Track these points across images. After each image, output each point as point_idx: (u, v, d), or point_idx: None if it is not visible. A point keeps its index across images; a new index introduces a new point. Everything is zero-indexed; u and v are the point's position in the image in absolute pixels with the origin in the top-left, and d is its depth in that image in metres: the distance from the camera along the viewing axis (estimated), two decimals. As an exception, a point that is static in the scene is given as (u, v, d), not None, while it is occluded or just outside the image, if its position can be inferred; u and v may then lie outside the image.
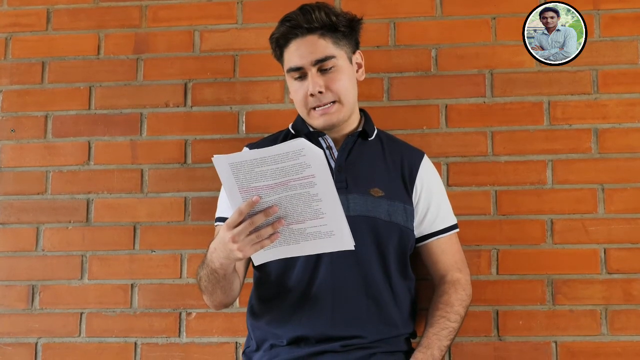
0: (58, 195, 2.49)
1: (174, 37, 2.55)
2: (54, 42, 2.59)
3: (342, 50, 2.01)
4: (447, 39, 2.46)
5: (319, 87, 1.95)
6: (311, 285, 1.95)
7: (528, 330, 2.30)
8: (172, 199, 2.46)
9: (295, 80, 2.01)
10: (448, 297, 2.05)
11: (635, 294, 2.29)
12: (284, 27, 1.99)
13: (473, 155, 2.40)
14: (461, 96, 2.43)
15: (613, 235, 2.32)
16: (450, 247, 2.14)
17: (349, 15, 2.04)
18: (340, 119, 2.01)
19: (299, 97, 2.01)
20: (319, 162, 1.62)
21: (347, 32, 2.03)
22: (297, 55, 1.98)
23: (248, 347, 2.08)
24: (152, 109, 2.52)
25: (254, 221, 1.66)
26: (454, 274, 2.11)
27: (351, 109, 2.04)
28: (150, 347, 2.40)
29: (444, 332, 1.98)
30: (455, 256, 2.15)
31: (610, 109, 2.38)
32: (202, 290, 2.00)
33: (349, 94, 2.02)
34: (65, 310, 2.43)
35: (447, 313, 2.02)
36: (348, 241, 1.71)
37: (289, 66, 2.00)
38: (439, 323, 2.00)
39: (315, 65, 1.97)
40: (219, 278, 1.89)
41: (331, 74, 1.97)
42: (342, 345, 1.90)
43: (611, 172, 2.35)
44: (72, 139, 2.52)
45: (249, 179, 1.65)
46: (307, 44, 1.97)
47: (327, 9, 1.99)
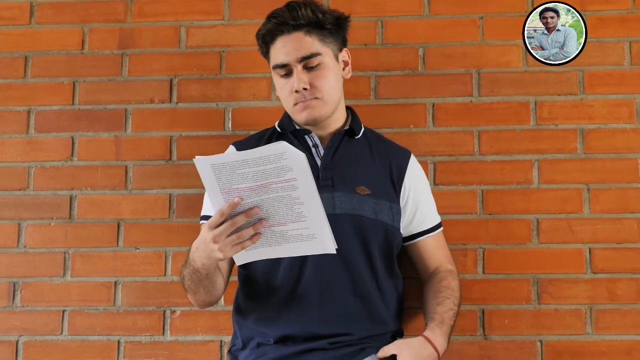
0: (40, 191, 2.46)
1: (160, 33, 2.53)
2: (37, 36, 2.56)
3: (329, 48, 2.01)
4: (434, 38, 2.47)
5: (303, 83, 1.95)
6: (298, 284, 1.94)
7: (514, 329, 2.31)
8: (157, 196, 2.44)
9: (281, 78, 2.01)
10: (448, 283, 2.07)
11: (619, 293, 2.31)
12: (270, 24, 1.99)
13: (460, 154, 2.40)
14: (448, 95, 2.43)
15: (598, 235, 2.33)
16: (440, 244, 2.18)
17: (336, 13, 2.03)
18: (322, 115, 2.01)
19: (284, 94, 2.02)
20: (300, 165, 1.62)
21: (334, 29, 2.02)
22: (282, 52, 1.98)
23: (234, 346, 2.06)
24: (137, 104, 2.49)
25: (235, 222, 1.67)
26: (447, 266, 2.15)
27: (334, 106, 2.04)
28: (134, 345, 2.37)
29: (450, 312, 2.01)
30: (445, 251, 2.19)
31: (596, 110, 2.40)
32: (186, 289, 1.99)
33: (333, 92, 2.02)
34: (47, 308, 2.40)
35: (451, 296, 2.04)
36: (330, 245, 1.71)
37: (275, 63, 2.00)
38: (446, 304, 2.01)
39: (301, 62, 1.96)
40: (202, 277, 1.88)
41: (316, 71, 1.97)
42: (330, 342, 1.90)
43: (597, 173, 2.36)
44: (55, 135, 2.49)
45: (231, 180, 1.64)
46: (293, 41, 1.97)
47: (314, 6, 1.99)
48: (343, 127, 2.09)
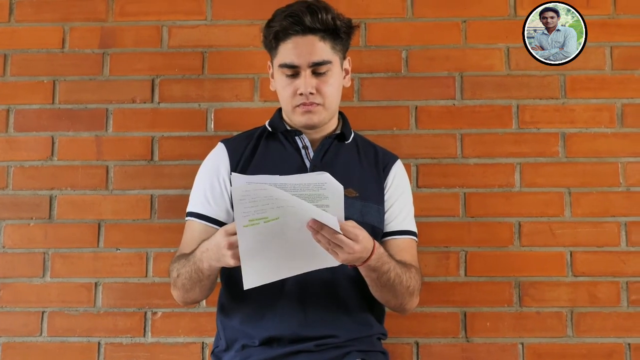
0: (20, 191, 2.43)
1: (142, 32, 2.52)
2: (16, 34, 2.53)
3: (337, 56, 2.00)
4: (417, 40, 2.47)
5: (311, 88, 1.94)
6: (282, 286, 1.92)
7: (495, 332, 2.32)
8: (138, 197, 2.43)
9: (286, 77, 1.98)
10: (412, 267, 1.98)
11: (600, 296, 2.33)
12: (287, 22, 1.94)
13: (442, 157, 2.41)
14: (431, 98, 2.44)
15: (579, 238, 2.36)
16: (412, 249, 2.12)
17: (349, 22, 2.01)
18: (321, 121, 2.00)
19: (286, 93, 1.99)
20: (337, 197, 1.62)
21: (345, 38, 2.01)
22: (294, 54, 1.95)
23: (217, 347, 2.04)
24: (118, 104, 2.48)
25: None
26: (414, 265, 2.04)
27: (332, 113, 2.04)
28: (115, 347, 2.35)
29: (399, 269, 1.89)
30: (415, 258, 2.11)
31: (578, 114, 2.42)
32: (178, 286, 1.95)
33: (335, 99, 2.01)
34: (26, 309, 2.38)
35: (410, 271, 1.94)
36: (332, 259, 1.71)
37: (284, 62, 1.97)
38: (405, 265, 1.94)
39: (311, 67, 1.95)
40: (202, 278, 1.87)
41: (324, 77, 1.96)
42: (316, 344, 1.88)
43: (578, 176, 2.39)
44: (35, 134, 2.46)
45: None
46: (307, 44, 1.94)
47: (333, 13, 1.96)
48: (334, 132, 2.09)
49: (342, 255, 1.69)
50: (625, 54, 2.45)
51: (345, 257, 1.69)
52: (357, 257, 1.73)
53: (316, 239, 1.66)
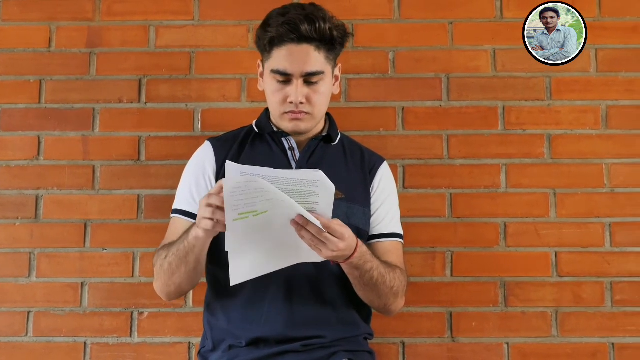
0: (5, 190, 2.43)
1: (129, 32, 2.51)
2: (3, 33, 2.52)
3: (330, 66, 1.99)
4: (404, 42, 2.48)
5: (302, 97, 1.94)
6: (268, 286, 1.93)
7: (481, 332, 2.34)
8: (125, 197, 2.42)
9: (277, 82, 1.98)
10: (396, 268, 1.99)
11: (584, 296, 2.35)
12: (283, 29, 1.91)
13: (429, 157, 2.42)
14: (418, 99, 2.45)
15: (564, 239, 2.37)
16: (398, 251, 2.12)
17: (345, 31, 2.00)
18: (308, 128, 2.01)
19: (276, 99, 1.98)
20: (327, 195, 1.65)
21: (339, 48, 2.01)
22: (288, 61, 1.93)
23: (204, 347, 2.04)
24: (104, 104, 2.47)
25: None
26: (400, 267, 2.04)
27: (320, 120, 2.04)
28: (101, 347, 2.35)
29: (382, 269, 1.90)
30: (401, 260, 2.12)
31: (563, 116, 2.44)
32: (165, 269, 1.91)
33: (323, 108, 2.01)
34: (12, 309, 2.37)
35: (388, 266, 1.94)
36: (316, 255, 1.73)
37: (277, 68, 1.95)
38: (389, 266, 1.94)
39: (304, 76, 1.95)
40: (188, 251, 1.83)
41: (315, 86, 1.95)
42: (303, 345, 1.89)
43: (563, 177, 2.40)
44: (21, 133, 2.45)
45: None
46: (301, 53, 1.93)
47: (331, 23, 1.94)
48: (321, 133, 2.09)
49: (325, 252, 1.71)
50: (610, 56, 2.47)
51: (328, 254, 1.71)
52: (340, 255, 1.74)
53: (300, 235, 1.68)
